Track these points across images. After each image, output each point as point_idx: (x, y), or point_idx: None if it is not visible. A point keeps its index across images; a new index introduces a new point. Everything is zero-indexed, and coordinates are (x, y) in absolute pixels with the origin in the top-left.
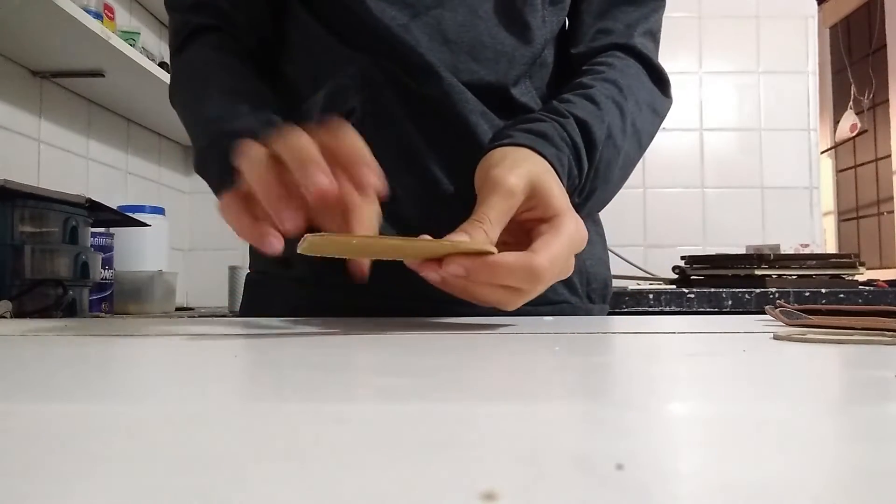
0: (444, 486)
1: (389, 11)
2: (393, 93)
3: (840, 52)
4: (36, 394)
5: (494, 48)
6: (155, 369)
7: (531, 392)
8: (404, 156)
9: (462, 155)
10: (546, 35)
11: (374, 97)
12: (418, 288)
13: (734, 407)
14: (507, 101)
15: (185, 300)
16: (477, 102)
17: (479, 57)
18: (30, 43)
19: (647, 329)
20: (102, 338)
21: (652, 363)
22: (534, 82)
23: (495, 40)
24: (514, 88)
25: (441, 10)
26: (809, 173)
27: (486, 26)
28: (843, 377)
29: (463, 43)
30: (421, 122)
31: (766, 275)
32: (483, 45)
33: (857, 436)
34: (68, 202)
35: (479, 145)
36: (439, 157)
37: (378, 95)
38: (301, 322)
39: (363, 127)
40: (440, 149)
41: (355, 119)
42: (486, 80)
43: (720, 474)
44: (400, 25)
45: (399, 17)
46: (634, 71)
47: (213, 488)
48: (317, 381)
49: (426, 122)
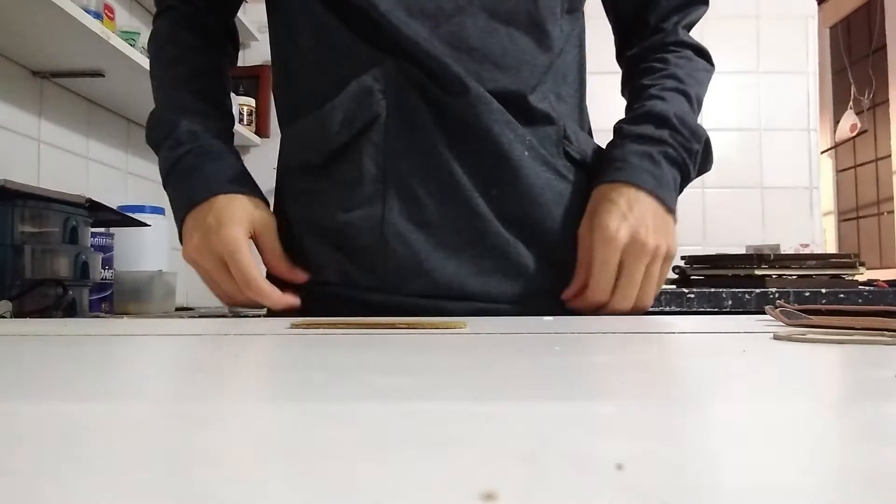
0: (444, 486)
1: (413, 25)
2: (419, 98)
3: (840, 52)
4: (36, 394)
5: (516, 55)
6: (155, 369)
7: (531, 392)
8: (428, 160)
9: (485, 161)
10: (562, 43)
11: (399, 102)
12: (426, 285)
13: (734, 407)
14: (526, 108)
15: (185, 300)
16: (502, 112)
17: (501, 64)
18: (30, 43)
19: (647, 329)
20: (103, 338)
21: (652, 363)
22: (550, 89)
23: (517, 46)
24: (532, 95)
25: (462, 16)
26: (809, 173)
27: (507, 31)
28: (843, 377)
29: (486, 49)
30: (445, 128)
31: (766, 275)
32: (505, 51)
33: (857, 436)
34: (68, 202)
35: (502, 153)
36: (462, 163)
37: (403, 101)
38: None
39: (387, 131)
40: (464, 155)
41: (380, 123)
42: (508, 87)
43: (720, 474)
44: (424, 39)
45: (421, 31)
46: (686, 57)
47: (213, 488)
48: (317, 381)
49: (451, 129)
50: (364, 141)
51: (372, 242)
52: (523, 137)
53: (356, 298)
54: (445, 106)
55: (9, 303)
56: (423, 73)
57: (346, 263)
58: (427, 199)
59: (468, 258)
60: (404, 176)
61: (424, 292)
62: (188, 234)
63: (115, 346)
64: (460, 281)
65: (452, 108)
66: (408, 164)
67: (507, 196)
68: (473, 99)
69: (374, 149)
